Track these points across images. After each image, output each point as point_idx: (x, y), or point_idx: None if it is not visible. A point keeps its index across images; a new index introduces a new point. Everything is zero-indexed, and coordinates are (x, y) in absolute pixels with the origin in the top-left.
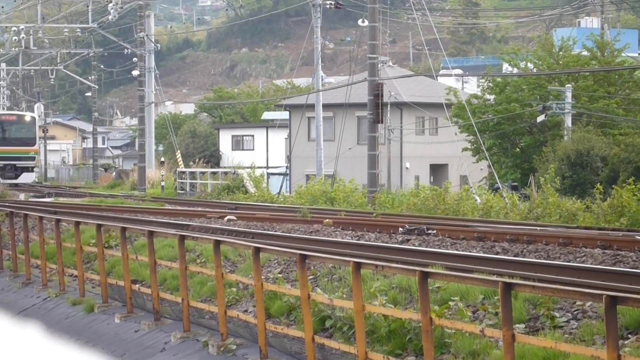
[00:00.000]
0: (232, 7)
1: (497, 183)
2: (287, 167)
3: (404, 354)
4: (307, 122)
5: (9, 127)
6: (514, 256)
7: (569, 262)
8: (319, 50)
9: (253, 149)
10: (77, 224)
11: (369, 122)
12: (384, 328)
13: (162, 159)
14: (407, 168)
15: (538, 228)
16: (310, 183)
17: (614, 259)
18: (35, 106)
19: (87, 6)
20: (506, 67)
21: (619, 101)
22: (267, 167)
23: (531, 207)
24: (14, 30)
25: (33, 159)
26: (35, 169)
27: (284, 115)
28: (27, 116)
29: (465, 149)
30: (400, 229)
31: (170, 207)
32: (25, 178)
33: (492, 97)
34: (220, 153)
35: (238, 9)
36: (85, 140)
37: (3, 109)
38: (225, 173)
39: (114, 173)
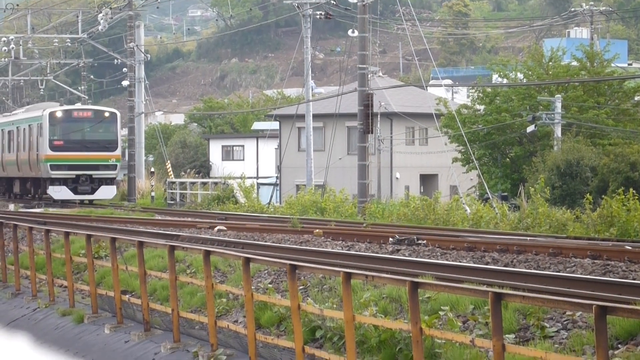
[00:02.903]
0: (222, 18)
1: (487, 193)
2: (277, 178)
3: None
4: (297, 132)
5: (83, 125)
6: (504, 266)
7: (558, 272)
8: (309, 60)
9: (243, 159)
10: (67, 234)
11: (359, 132)
12: (374, 338)
13: (152, 169)
14: (397, 178)
15: (528, 238)
16: (301, 193)
17: (603, 269)
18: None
19: (77, 17)
20: (496, 78)
21: (609, 111)
22: (257, 178)
23: (521, 217)
24: (4, 41)
25: (114, 167)
26: (116, 181)
27: (274, 125)
28: (107, 112)
29: (455, 159)
30: (391, 239)
31: (160, 218)
32: (105, 193)
33: (482, 107)
34: (211, 163)
35: (228, 19)
36: None
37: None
38: (216, 183)
39: None
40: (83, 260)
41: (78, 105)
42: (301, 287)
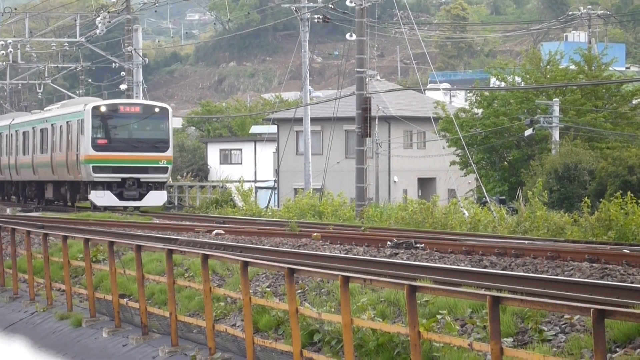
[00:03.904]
0: (220, 21)
1: (485, 197)
2: (275, 181)
3: None
4: (295, 136)
5: (130, 122)
6: (502, 270)
7: (556, 275)
8: (307, 64)
9: (241, 163)
10: (65, 238)
11: (357, 136)
12: (372, 342)
13: None
14: (395, 182)
15: (526, 242)
16: (299, 197)
17: (601, 272)
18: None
19: (75, 20)
20: (494, 81)
21: (607, 115)
22: (255, 181)
23: (519, 220)
24: (2, 44)
25: (165, 170)
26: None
27: (272, 129)
28: (157, 107)
29: (453, 163)
30: (389, 242)
31: (158, 221)
32: (154, 199)
33: (479, 110)
34: (209, 167)
35: (226, 23)
36: None
37: None
38: (214, 187)
39: None
40: (81, 264)
41: (124, 100)
42: (299, 291)
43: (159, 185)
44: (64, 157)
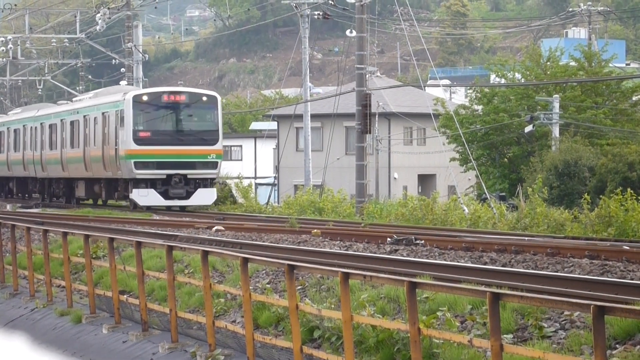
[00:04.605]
0: (220, 18)
1: (485, 193)
2: (275, 178)
3: None
4: (295, 132)
5: (176, 112)
6: (502, 266)
7: (556, 272)
8: (307, 60)
9: (241, 159)
10: (65, 234)
11: (357, 132)
12: (372, 338)
13: None
14: (395, 178)
15: (526, 238)
16: (299, 193)
17: (601, 269)
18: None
19: (75, 17)
20: (494, 78)
21: (607, 111)
22: (255, 177)
23: (519, 217)
24: (2, 41)
25: (215, 165)
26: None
27: (272, 125)
28: (205, 95)
29: (453, 159)
30: (389, 239)
31: (158, 218)
32: (203, 198)
33: (479, 107)
34: None
35: (226, 20)
36: None
37: None
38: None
39: None
40: (81, 261)
41: (168, 88)
42: (299, 287)
43: (208, 182)
44: (100, 152)
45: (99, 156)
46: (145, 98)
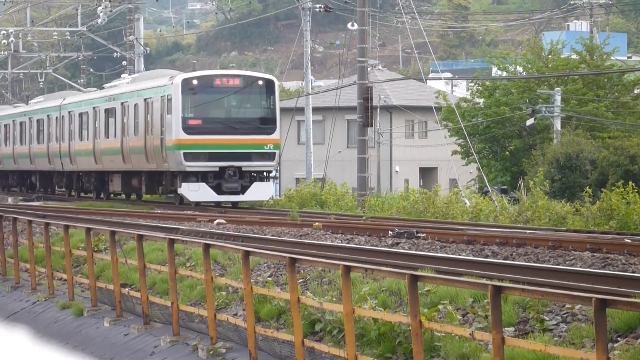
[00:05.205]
0: (222, 11)
1: (486, 186)
2: (276, 171)
3: (394, 357)
4: (296, 125)
5: (229, 98)
6: (504, 259)
7: (558, 265)
8: (308, 53)
9: None
10: (66, 227)
11: (358, 125)
12: (374, 331)
13: None
14: (396, 171)
15: (527, 231)
16: (300, 186)
17: (603, 262)
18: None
19: (76, 10)
20: (495, 71)
21: (608, 104)
22: None
23: (520, 210)
24: (3, 34)
25: (272, 156)
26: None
27: None
28: (261, 79)
29: (454, 152)
30: (390, 232)
31: (160, 211)
32: (259, 193)
33: (481, 100)
34: None
35: (227, 13)
36: None
37: None
38: None
39: None
40: (82, 254)
41: (219, 71)
42: (301, 280)
43: (265, 175)
44: (141, 142)
45: (140, 147)
46: (195, 82)
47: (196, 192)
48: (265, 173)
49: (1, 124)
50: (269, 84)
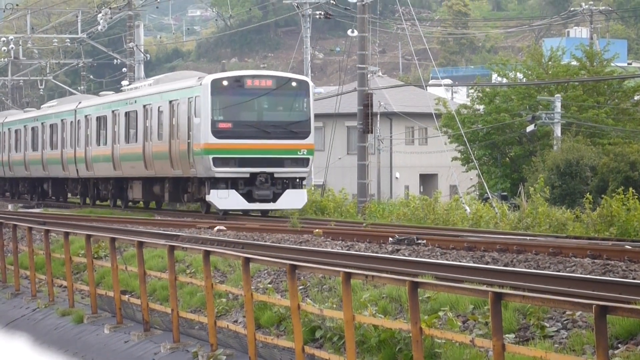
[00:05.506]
0: (222, 18)
1: (486, 193)
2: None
3: None
4: None
5: (261, 100)
6: (504, 266)
7: (558, 271)
8: (308, 60)
9: None
10: (67, 234)
11: (358, 132)
12: (374, 338)
13: None
14: (396, 178)
15: (528, 238)
16: None
17: (603, 268)
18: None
19: (77, 17)
20: (495, 77)
21: (608, 111)
22: None
23: (521, 216)
24: (3, 41)
25: (306, 162)
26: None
27: None
28: (294, 80)
29: (454, 159)
30: (390, 238)
31: (159, 218)
32: (292, 200)
33: (481, 107)
34: None
35: (227, 19)
36: None
37: None
38: None
39: None
40: (83, 261)
41: (250, 72)
42: (301, 287)
43: (298, 182)
44: (166, 146)
45: (164, 152)
46: (225, 83)
47: (225, 199)
48: (298, 180)
49: (12, 129)
50: (303, 85)
